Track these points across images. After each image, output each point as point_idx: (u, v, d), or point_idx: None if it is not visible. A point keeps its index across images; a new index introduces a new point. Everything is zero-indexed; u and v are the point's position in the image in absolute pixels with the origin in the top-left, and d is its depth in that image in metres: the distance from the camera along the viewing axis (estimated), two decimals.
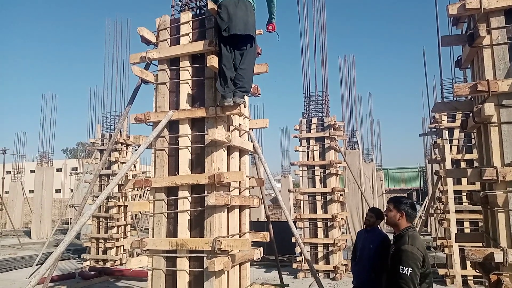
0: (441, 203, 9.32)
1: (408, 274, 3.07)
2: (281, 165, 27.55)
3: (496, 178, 3.27)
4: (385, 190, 27.03)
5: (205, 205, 4.10)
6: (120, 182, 11.61)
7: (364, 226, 4.81)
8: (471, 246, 3.51)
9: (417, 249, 3.18)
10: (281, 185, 25.91)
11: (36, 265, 10.38)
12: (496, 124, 3.45)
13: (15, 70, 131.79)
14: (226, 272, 4.13)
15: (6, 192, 24.15)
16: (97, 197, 11.49)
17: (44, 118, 20.57)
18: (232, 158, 4.53)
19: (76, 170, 30.51)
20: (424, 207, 17.84)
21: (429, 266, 3.28)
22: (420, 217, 20.31)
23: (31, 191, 22.52)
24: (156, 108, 4.51)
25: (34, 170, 21.37)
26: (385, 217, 3.60)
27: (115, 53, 13.32)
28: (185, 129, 4.32)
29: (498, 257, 3.15)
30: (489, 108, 3.35)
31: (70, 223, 19.25)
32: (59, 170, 36.93)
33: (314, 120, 10.49)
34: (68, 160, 45.18)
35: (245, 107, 4.33)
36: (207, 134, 4.06)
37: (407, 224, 3.41)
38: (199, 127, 4.33)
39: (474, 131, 4.11)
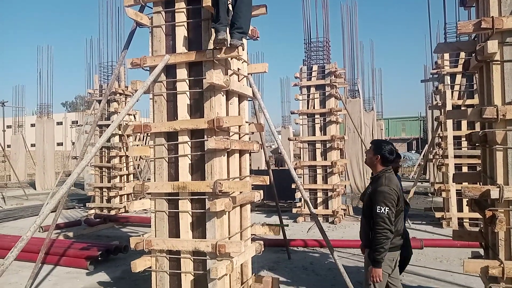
0: (440, 149, 9.40)
1: (386, 213, 3.28)
2: (281, 116, 27.56)
3: (496, 117, 3.27)
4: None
5: (205, 149, 4.13)
6: (120, 133, 11.66)
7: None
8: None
9: (393, 189, 3.36)
10: (281, 136, 26.01)
11: None
12: (499, 62, 3.40)
13: (10, 22, 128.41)
14: (227, 213, 4.23)
15: (8, 146, 24.32)
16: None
17: (41, 70, 20.28)
18: (231, 104, 4.50)
19: (77, 123, 30.54)
20: (423, 155, 18.01)
21: (401, 205, 3.46)
22: (419, 164, 20.55)
23: (33, 145, 22.61)
24: (152, 52, 4.42)
25: (35, 124, 21.38)
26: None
27: (110, 1, 12.92)
28: (182, 73, 4.26)
29: (494, 193, 3.21)
30: (492, 46, 3.29)
31: None
32: (59, 123, 37.03)
33: (315, 68, 10.34)
34: (68, 114, 45.17)
35: (243, 49, 4.24)
36: (205, 78, 4.00)
37: (382, 167, 3.55)
38: (196, 71, 4.26)
39: (476, 71, 4.05)
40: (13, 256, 3.24)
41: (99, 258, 6.57)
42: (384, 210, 3.27)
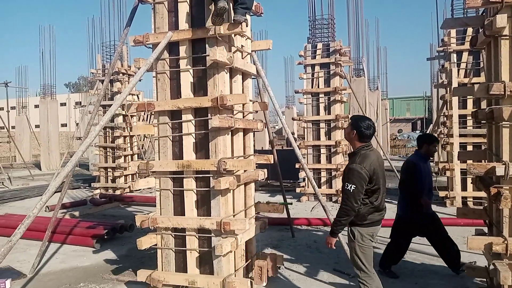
0: (445, 128, 9.34)
1: (351, 191, 3.31)
2: (285, 96, 27.44)
3: (503, 93, 3.23)
4: (390, 120, 27.05)
5: (209, 128, 4.11)
6: (124, 113, 11.65)
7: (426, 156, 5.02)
8: None
9: (364, 168, 3.34)
10: (285, 116, 25.93)
11: None
12: (508, 37, 3.34)
13: (12, 2, 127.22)
14: (231, 191, 4.25)
15: (13, 127, 24.42)
16: (102, 128, 11.61)
17: (43, 50, 20.22)
18: (234, 82, 4.46)
19: (80, 104, 30.56)
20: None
21: (377, 183, 3.43)
22: None
23: (37, 126, 22.69)
24: (154, 29, 4.37)
25: (38, 105, 21.39)
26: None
27: None
28: (185, 50, 4.20)
29: (500, 170, 3.20)
30: (501, 20, 3.22)
31: None
32: (63, 104, 37.06)
33: (320, 46, 10.20)
34: (72, 94, 45.14)
35: (246, 26, 4.18)
36: (208, 55, 3.96)
37: (360, 144, 3.53)
38: (200, 48, 4.21)
39: (484, 47, 3.98)
40: (20, 232, 3.28)
41: (105, 237, 6.65)
42: (351, 187, 3.31)
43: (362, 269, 3.46)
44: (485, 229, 4.24)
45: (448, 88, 9.07)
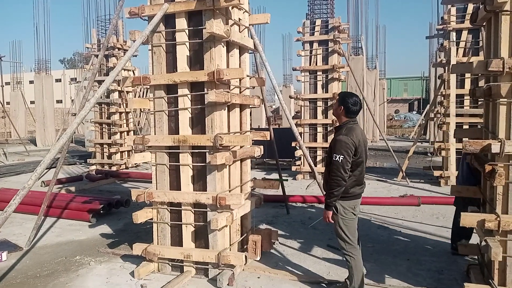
0: (442, 107, 9.33)
1: (340, 161, 3.40)
2: (282, 75, 27.25)
3: (502, 69, 3.20)
4: (387, 100, 27.00)
5: (206, 102, 4.08)
6: (120, 89, 11.55)
7: None
8: None
9: (350, 138, 3.43)
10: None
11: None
12: (509, 12, 3.29)
13: None
14: (227, 166, 4.25)
15: (8, 103, 24.20)
16: (98, 104, 11.50)
17: (37, 24, 19.94)
18: (231, 56, 4.40)
19: (75, 80, 30.23)
20: (425, 114, 17.93)
21: (362, 155, 3.52)
22: (420, 125, 20.53)
23: (32, 102, 22.48)
24: (150, 1, 4.27)
25: (33, 81, 21.16)
26: None
27: None
28: (181, 23, 4.13)
29: (495, 147, 3.20)
30: None
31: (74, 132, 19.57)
32: (58, 80, 36.62)
33: (318, 22, 10.08)
34: (67, 70, 44.58)
35: None
36: (205, 28, 3.89)
37: (346, 119, 3.61)
38: (196, 21, 4.13)
39: (484, 24, 3.93)
40: (16, 203, 3.28)
41: (101, 212, 6.68)
42: (339, 158, 3.39)
43: (346, 240, 3.58)
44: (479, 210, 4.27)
45: (446, 67, 9.02)
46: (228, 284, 4.00)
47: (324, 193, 3.72)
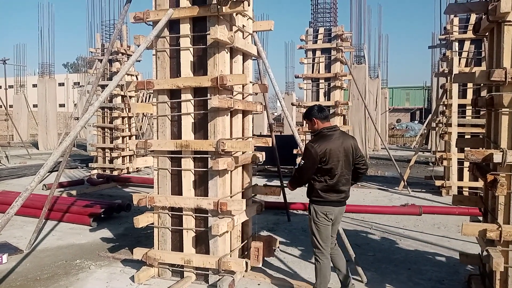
0: (444, 117, 9.33)
1: (301, 165, 3.65)
2: (285, 82, 27.32)
3: (504, 79, 3.21)
4: (389, 109, 27.03)
5: (209, 108, 4.10)
6: (123, 93, 11.59)
7: None
8: None
9: (314, 147, 3.53)
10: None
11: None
12: (511, 23, 3.30)
13: None
14: (229, 172, 4.25)
15: (11, 106, 24.28)
16: (101, 108, 11.54)
17: (42, 28, 20.04)
18: (235, 62, 4.42)
19: (78, 84, 30.36)
20: (427, 124, 17.92)
21: (332, 163, 3.55)
22: (422, 134, 20.52)
23: (35, 105, 22.57)
24: (155, 6, 4.31)
25: (36, 84, 21.25)
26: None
27: None
28: (186, 28, 4.16)
29: (497, 157, 3.20)
30: (505, 5, 3.18)
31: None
32: (61, 84, 36.78)
33: (321, 30, 10.11)
34: (70, 75, 44.80)
35: (248, 5, 4.13)
36: (209, 34, 3.91)
37: (323, 125, 3.70)
38: (200, 27, 4.17)
39: (487, 34, 3.95)
40: (18, 205, 3.28)
41: (102, 216, 6.67)
42: (301, 162, 3.63)
43: (317, 245, 3.67)
44: (480, 220, 4.26)
45: (448, 77, 9.04)
46: None
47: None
